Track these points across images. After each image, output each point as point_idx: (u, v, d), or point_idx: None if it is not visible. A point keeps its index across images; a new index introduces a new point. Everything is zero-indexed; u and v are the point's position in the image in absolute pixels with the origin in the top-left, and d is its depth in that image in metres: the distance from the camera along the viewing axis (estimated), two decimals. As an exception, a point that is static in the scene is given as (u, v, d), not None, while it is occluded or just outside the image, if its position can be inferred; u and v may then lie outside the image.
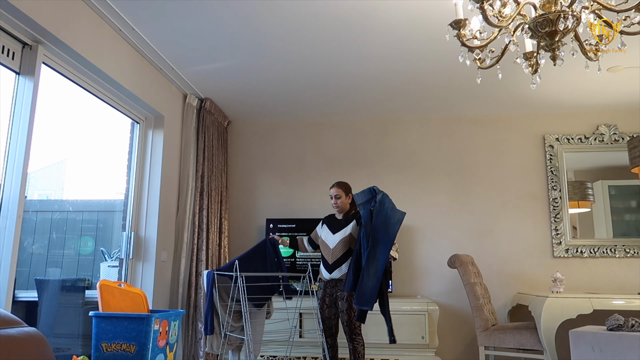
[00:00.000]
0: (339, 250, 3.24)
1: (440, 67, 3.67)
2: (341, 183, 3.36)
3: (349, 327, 3.14)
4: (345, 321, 3.14)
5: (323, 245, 3.34)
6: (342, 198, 3.31)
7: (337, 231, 3.30)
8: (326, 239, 3.32)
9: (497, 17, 1.90)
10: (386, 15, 2.94)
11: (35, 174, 3.28)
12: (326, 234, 3.34)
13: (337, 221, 3.36)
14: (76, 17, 2.65)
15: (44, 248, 3.36)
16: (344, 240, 3.24)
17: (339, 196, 3.32)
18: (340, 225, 3.31)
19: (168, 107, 3.81)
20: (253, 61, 3.57)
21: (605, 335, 2.54)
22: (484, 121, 4.74)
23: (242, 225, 4.80)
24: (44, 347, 1.22)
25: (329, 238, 3.31)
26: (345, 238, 3.24)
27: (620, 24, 1.81)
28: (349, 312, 3.13)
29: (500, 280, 4.42)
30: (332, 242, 3.28)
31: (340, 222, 3.33)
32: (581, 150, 4.57)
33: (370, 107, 4.58)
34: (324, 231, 3.38)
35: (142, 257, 3.53)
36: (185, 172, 4.01)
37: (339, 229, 3.30)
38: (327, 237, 3.32)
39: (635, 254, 4.31)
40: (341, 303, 3.18)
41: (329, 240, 3.30)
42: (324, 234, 3.37)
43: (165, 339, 2.51)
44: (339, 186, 3.34)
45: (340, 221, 3.34)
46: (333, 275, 3.24)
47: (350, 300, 3.13)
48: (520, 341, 3.54)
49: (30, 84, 2.45)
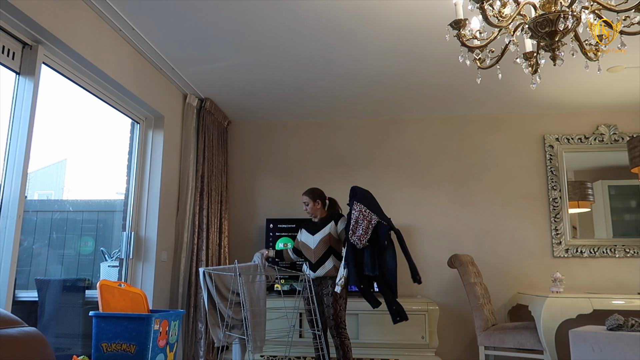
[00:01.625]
0: (320, 249, 3.41)
1: (440, 67, 3.67)
2: (309, 191, 3.58)
3: (334, 321, 3.30)
4: (332, 315, 3.31)
5: (304, 247, 3.51)
6: (311, 204, 3.54)
7: (315, 232, 3.50)
8: (307, 240, 3.50)
9: (497, 17, 1.90)
10: (386, 15, 2.94)
11: (35, 174, 3.28)
12: (306, 236, 3.53)
13: (314, 224, 3.56)
14: (76, 17, 2.65)
15: (44, 248, 3.36)
16: (323, 240, 3.42)
17: (307, 203, 3.56)
18: (317, 227, 3.52)
19: (168, 107, 3.81)
20: (253, 61, 3.57)
21: (605, 335, 2.54)
22: (484, 121, 4.74)
23: (242, 225, 4.80)
24: (44, 347, 1.22)
25: (309, 240, 3.49)
26: (325, 238, 3.42)
27: (620, 24, 1.81)
28: (334, 306, 3.31)
29: (500, 280, 4.42)
30: (312, 243, 3.46)
31: (317, 225, 3.54)
32: (581, 150, 4.57)
33: (370, 107, 4.58)
34: (303, 235, 3.57)
35: (142, 257, 3.53)
36: (185, 172, 4.01)
37: (317, 230, 3.50)
38: (307, 239, 3.51)
39: (635, 254, 4.31)
40: (326, 298, 3.36)
41: (309, 241, 3.49)
42: (303, 237, 3.55)
43: (165, 339, 2.51)
44: (306, 194, 3.59)
45: (316, 224, 3.55)
46: (317, 273, 3.40)
47: (335, 295, 3.32)
48: (520, 341, 3.54)
49: (30, 84, 2.45)
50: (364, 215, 3.26)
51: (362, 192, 3.39)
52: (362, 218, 3.25)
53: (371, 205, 3.32)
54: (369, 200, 3.35)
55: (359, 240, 3.17)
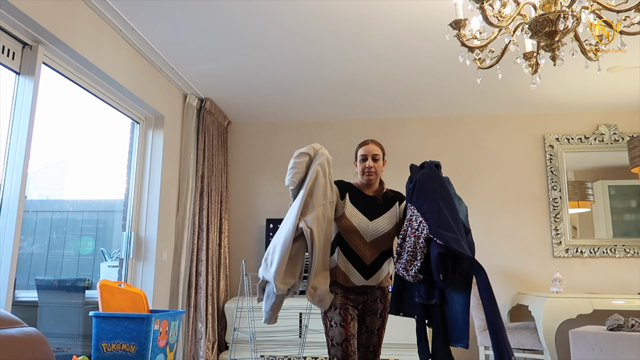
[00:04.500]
0: (383, 243, 2.20)
1: (440, 67, 3.67)
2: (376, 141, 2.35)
3: (374, 353, 2.20)
4: (373, 345, 2.19)
5: (351, 231, 2.19)
6: (380, 162, 2.28)
7: (375, 216, 2.20)
8: (358, 225, 2.19)
9: (497, 17, 1.90)
10: (386, 15, 2.94)
11: (35, 174, 3.28)
12: (357, 217, 2.20)
13: (370, 200, 2.25)
14: (76, 17, 2.65)
15: (44, 248, 3.36)
16: (388, 234, 2.20)
17: (377, 156, 2.27)
18: (378, 208, 2.23)
19: (168, 107, 3.81)
20: (253, 61, 3.57)
21: (605, 335, 2.54)
22: (484, 121, 4.74)
23: (242, 225, 4.80)
24: (44, 347, 1.22)
25: (362, 225, 2.19)
26: (391, 231, 2.20)
27: (620, 24, 1.81)
28: (381, 333, 2.21)
29: (500, 280, 4.42)
30: (369, 232, 2.18)
31: (376, 202, 2.25)
32: (581, 150, 4.57)
33: (370, 107, 4.58)
34: (351, 211, 2.22)
35: (142, 257, 3.53)
36: (185, 172, 4.01)
37: (377, 213, 2.21)
38: (359, 223, 2.19)
39: (635, 254, 4.31)
40: (372, 320, 2.21)
41: (364, 227, 2.18)
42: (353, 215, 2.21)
43: (165, 339, 2.51)
44: (376, 143, 2.31)
45: (375, 200, 2.25)
46: (370, 281, 2.19)
47: (384, 315, 2.22)
48: (520, 341, 3.54)
49: (30, 84, 2.45)
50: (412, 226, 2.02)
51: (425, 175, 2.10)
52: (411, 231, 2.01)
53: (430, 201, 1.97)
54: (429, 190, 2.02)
55: (405, 271, 2.00)
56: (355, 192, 2.30)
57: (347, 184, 2.34)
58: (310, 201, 2.13)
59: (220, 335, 4.23)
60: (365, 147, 2.31)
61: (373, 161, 2.27)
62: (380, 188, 2.34)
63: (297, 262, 2.10)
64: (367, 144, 2.31)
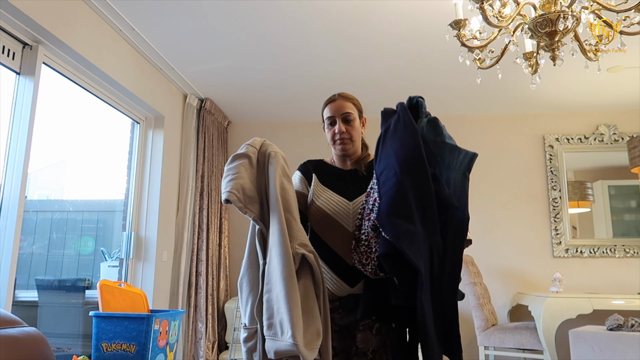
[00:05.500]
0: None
1: (440, 67, 3.67)
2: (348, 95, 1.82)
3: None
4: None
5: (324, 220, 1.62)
6: (356, 121, 1.74)
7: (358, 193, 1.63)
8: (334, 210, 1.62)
9: (497, 17, 1.90)
10: (386, 15, 2.94)
11: (35, 174, 3.28)
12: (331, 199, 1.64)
13: (348, 175, 1.70)
14: (76, 17, 2.65)
15: (44, 248, 3.36)
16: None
17: (349, 116, 1.73)
18: (361, 182, 1.66)
19: (168, 107, 3.81)
20: (253, 61, 3.56)
21: (605, 335, 2.54)
22: (484, 121, 4.74)
23: (242, 225, 4.79)
24: (44, 347, 1.22)
25: (339, 208, 1.61)
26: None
27: (620, 24, 1.81)
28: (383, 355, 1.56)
29: (500, 280, 4.42)
30: (351, 217, 1.59)
31: (358, 176, 1.68)
32: (581, 150, 4.57)
33: (370, 107, 4.56)
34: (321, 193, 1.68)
35: (142, 257, 3.53)
36: (185, 172, 4.01)
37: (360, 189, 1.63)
38: (334, 207, 1.62)
39: (635, 254, 4.31)
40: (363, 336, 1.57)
41: (342, 211, 1.61)
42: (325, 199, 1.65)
43: (165, 339, 2.51)
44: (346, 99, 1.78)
45: (355, 174, 1.70)
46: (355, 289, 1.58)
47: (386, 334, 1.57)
48: (520, 341, 3.54)
49: (30, 84, 2.44)
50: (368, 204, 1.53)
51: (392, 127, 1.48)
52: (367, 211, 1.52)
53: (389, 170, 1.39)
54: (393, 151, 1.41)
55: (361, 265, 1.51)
56: (324, 168, 1.71)
57: (314, 164, 1.78)
58: (290, 218, 1.47)
59: (220, 335, 4.23)
60: (331, 106, 1.73)
61: (344, 123, 1.69)
62: (364, 155, 1.72)
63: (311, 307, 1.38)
64: (334, 100, 1.75)
